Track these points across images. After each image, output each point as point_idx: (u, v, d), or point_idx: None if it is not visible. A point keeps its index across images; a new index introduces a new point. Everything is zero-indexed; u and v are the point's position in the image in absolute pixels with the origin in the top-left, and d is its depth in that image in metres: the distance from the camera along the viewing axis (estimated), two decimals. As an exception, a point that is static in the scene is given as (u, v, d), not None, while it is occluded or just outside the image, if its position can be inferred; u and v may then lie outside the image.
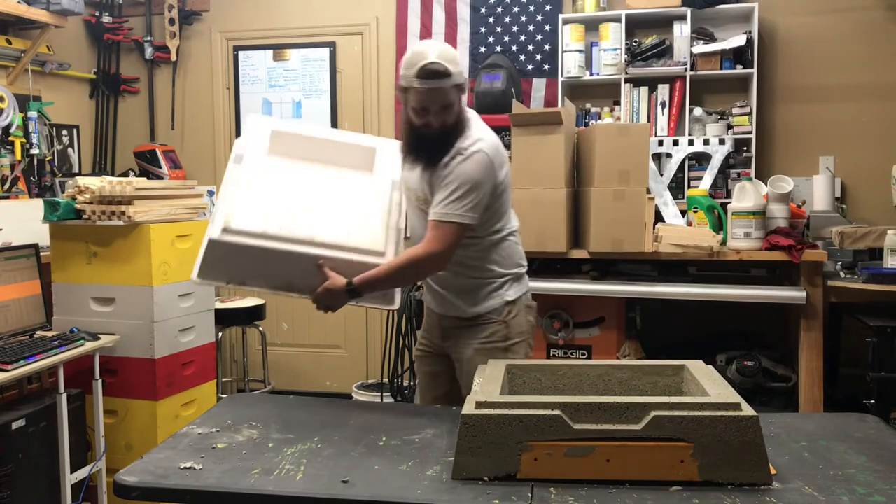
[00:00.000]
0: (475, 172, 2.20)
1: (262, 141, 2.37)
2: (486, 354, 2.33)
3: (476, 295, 2.38)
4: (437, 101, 2.17)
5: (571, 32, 4.24)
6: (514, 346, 2.40)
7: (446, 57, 2.16)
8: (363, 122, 4.81)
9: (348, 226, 2.28)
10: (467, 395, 2.36)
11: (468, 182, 2.19)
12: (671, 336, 3.88)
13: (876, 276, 3.25)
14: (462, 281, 2.37)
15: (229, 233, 2.14)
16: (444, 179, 2.21)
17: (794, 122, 4.21)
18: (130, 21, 5.03)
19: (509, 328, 2.39)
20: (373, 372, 4.81)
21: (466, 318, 2.39)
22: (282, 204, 2.25)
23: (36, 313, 3.25)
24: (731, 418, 1.55)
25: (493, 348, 2.37)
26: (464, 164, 2.20)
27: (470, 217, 2.21)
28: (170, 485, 1.62)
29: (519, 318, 2.41)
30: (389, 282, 2.28)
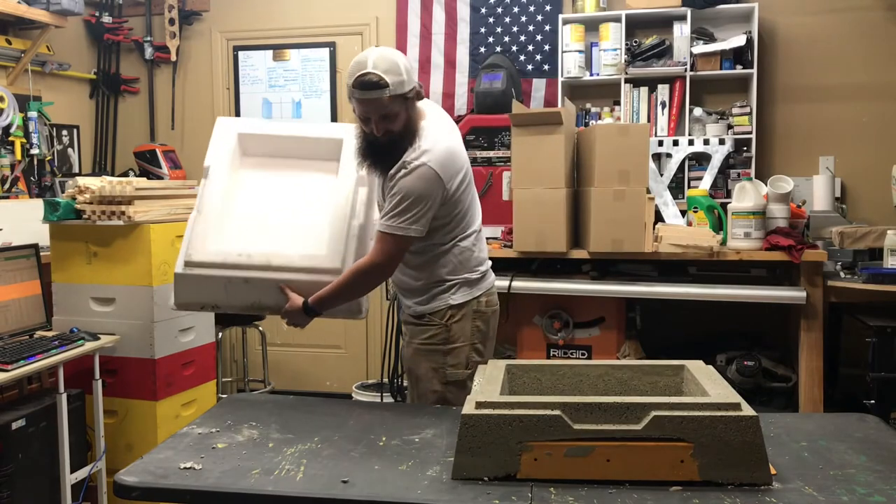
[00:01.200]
0: (417, 187, 2.22)
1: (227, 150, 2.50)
2: (425, 355, 2.40)
3: (421, 295, 2.42)
4: (375, 112, 2.18)
5: (571, 32, 4.24)
6: (455, 350, 2.41)
7: (384, 66, 2.16)
8: (363, 122, 4.80)
9: (306, 243, 2.37)
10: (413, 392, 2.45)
11: (410, 195, 2.22)
12: (671, 336, 3.88)
13: (876, 276, 3.25)
14: (410, 281, 2.43)
15: (191, 266, 2.32)
16: (390, 191, 2.26)
17: (794, 122, 4.21)
18: (130, 21, 5.03)
19: (450, 331, 2.40)
20: (373, 372, 4.81)
21: (413, 316, 2.45)
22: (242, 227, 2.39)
23: (36, 313, 3.25)
24: (731, 418, 1.55)
25: (432, 350, 2.41)
26: (406, 178, 2.22)
27: (414, 230, 2.24)
28: (170, 485, 1.62)
29: (463, 322, 2.41)
30: (342, 297, 2.33)
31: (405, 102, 2.21)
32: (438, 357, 2.40)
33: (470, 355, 2.42)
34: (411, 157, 2.23)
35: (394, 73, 2.16)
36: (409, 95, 2.21)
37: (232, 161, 2.50)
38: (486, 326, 2.47)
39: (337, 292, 2.30)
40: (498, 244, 3.65)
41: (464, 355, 2.41)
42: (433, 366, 2.41)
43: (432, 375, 2.42)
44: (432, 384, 2.42)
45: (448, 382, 2.41)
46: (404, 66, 2.21)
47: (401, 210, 2.22)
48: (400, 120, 2.22)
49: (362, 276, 2.29)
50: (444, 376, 2.41)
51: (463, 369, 2.41)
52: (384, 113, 2.18)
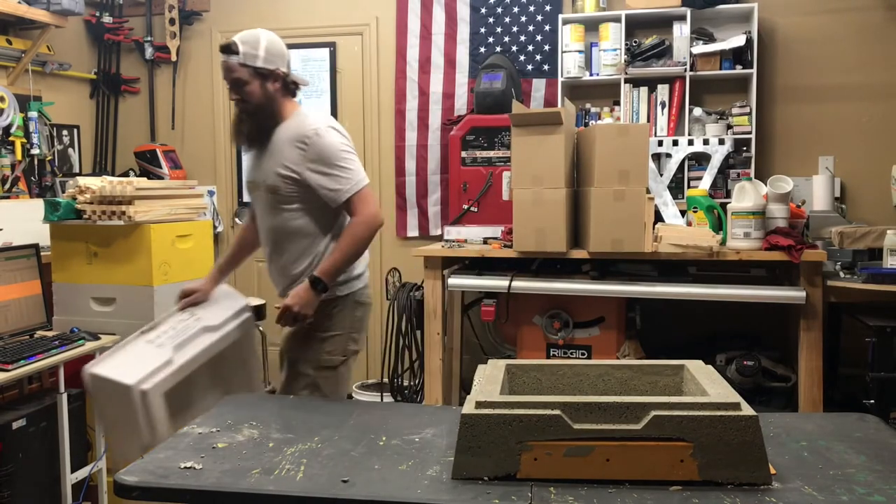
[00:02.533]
0: (336, 141, 2.41)
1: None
2: (303, 340, 2.50)
3: None
4: (226, 75, 2.41)
5: (571, 32, 4.24)
6: (333, 338, 2.52)
7: (244, 38, 2.41)
8: (363, 121, 4.81)
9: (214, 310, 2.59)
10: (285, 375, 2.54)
11: (338, 150, 2.39)
12: (671, 336, 3.88)
13: (875, 276, 3.25)
14: (296, 269, 2.49)
15: (147, 393, 2.27)
16: (319, 163, 2.38)
17: (793, 122, 4.21)
18: (131, 21, 5.03)
19: (331, 320, 2.50)
20: (373, 372, 4.82)
21: None
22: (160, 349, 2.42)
23: (36, 313, 3.25)
24: (731, 418, 1.55)
25: (311, 336, 2.50)
26: (323, 141, 2.39)
27: (365, 178, 2.44)
28: (170, 485, 1.62)
29: (344, 312, 2.52)
30: (347, 260, 2.43)
31: (257, 77, 2.41)
32: (316, 343, 2.51)
33: (346, 344, 2.54)
34: (309, 127, 2.40)
35: (250, 45, 2.40)
36: (262, 72, 2.41)
37: None
38: (363, 317, 2.60)
39: (342, 257, 2.41)
40: (498, 244, 3.65)
41: (341, 344, 2.53)
42: (309, 351, 2.51)
43: (306, 361, 2.52)
44: (305, 368, 2.51)
45: (321, 367, 2.51)
46: (266, 46, 2.43)
47: (345, 165, 2.40)
48: (253, 93, 2.41)
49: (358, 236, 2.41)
50: (318, 362, 2.51)
51: (338, 356, 2.52)
52: (233, 77, 2.40)
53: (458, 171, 4.08)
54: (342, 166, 2.40)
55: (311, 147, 2.38)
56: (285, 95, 2.50)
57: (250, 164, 2.58)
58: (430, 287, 3.68)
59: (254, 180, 2.54)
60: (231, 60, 2.40)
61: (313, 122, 2.44)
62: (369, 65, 4.77)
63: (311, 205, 2.45)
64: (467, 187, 4.05)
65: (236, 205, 5.02)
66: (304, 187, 2.41)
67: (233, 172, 5.01)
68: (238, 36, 2.42)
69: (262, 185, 2.48)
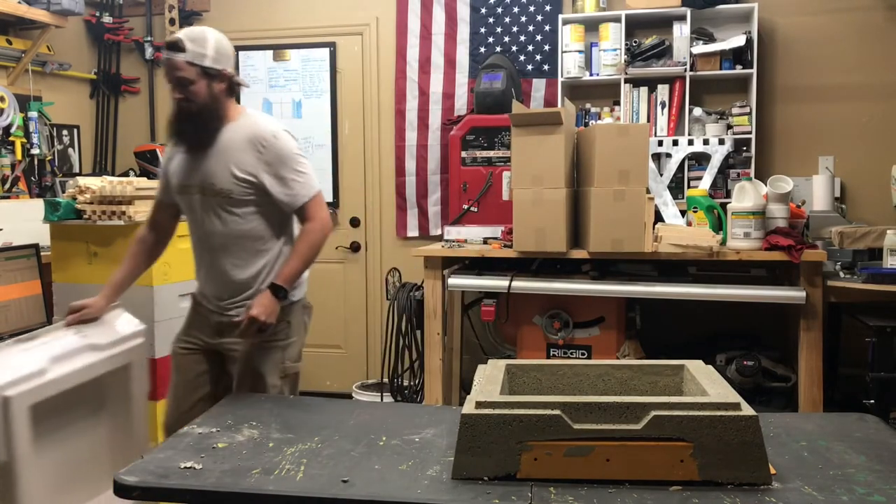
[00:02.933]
0: (293, 145, 2.40)
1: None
2: (268, 352, 2.45)
3: None
4: (171, 73, 2.31)
5: (571, 32, 4.24)
6: (292, 344, 2.50)
7: (190, 35, 2.32)
8: (363, 121, 4.81)
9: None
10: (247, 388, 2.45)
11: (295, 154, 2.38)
12: (671, 336, 3.89)
13: (875, 276, 3.25)
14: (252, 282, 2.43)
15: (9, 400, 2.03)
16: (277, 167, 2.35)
17: (793, 122, 4.21)
18: (131, 21, 5.03)
19: (290, 328, 2.49)
20: (373, 372, 4.82)
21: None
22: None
23: (36, 313, 3.25)
24: (731, 418, 1.55)
25: (274, 346, 2.47)
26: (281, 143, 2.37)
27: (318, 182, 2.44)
28: (170, 485, 1.62)
29: (297, 317, 2.53)
30: (305, 265, 2.42)
31: (205, 77, 2.33)
32: (279, 353, 2.48)
33: (300, 349, 2.55)
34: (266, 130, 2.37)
35: (197, 43, 2.31)
36: (210, 72, 2.33)
37: None
38: (309, 321, 2.62)
39: (299, 264, 2.40)
40: (498, 244, 3.65)
41: (297, 349, 2.54)
42: (275, 361, 2.48)
43: (271, 372, 2.48)
44: (273, 379, 2.48)
45: (286, 375, 2.50)
46: (214, 46, 2.35)
47: (302, 170, 2.38)
48: (199, 93, 2.32)
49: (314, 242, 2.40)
50: (284, 371, 2.49)
51: (297, 362, 2.53)
52: (178, 76, 2.30)
53: (458, 171, 4.08)
54: (299, 171, 2.38)
55: (270, 150, 2.34)
56: (229, 97, 2.44)
57: (181, 167, 2.44)
58: (430, 287, 3.68)
59: (188, 183, 2.42)
60: (177, 58, 2.30)
61: (270, 125, 2.41)
62: (369, 65, 4.77)
63: (261, 208, 2.40)
64: (467, 187, 4.05)
65: (236, 205, 5.02)
66: (258, 190, 2.36)
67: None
68: (184, 33, 2.34)
69: (202, 188, 2.39)
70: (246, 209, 2.38)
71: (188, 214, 2.50)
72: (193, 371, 2.52)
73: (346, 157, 4.85)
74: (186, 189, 2.44)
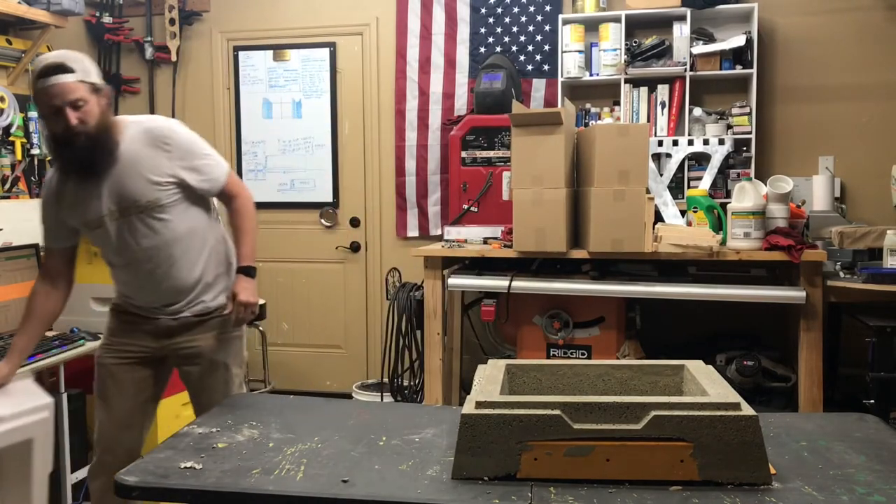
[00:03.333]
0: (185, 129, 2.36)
1: None
2: (228, 343, 2.48)
3: (220, 285, 2.48)
4: (63, 97, 2.12)
5: (571, 32, 4.24)
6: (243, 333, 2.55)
7: (69, 57, 2.18)
8: (363, 121, 4.81)
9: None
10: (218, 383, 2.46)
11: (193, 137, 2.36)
12: (671, 336, 3.89)
13: (875, 276, 3.25)
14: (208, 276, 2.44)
15: None
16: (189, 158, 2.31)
17: (793, 122, 4.21)
18: (131, 21, 5.03)
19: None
20: (373, 372, 4.82)
21: (216, 309, 2.47)
22: None
23: (36, 313, 3.24)
24: (731, 418, 1.55)
25: (235, 337, 2.50)
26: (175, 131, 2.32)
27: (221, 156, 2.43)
28: (170, 485, 1.62)
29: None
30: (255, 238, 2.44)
31: (96, 95, 2.20)
32: (238, 342, 2.52)
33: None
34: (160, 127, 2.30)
35: (78, 61, 2.18)
36: (98, 87, 2.21)
37: None
38: None
39: (249, 239, 2.42)
40: (498, 244, 3.65)
41: (245, 335, 2.57)
42: (237, 351, 2.52)
43: (236, 360, 2.52)
44: (236, 369, 2.52)
45: (243, 364, 2.56)
46: (88, 62, 2.23)
47: (208, 152, 2.37)
48: (92, 112, 2.18)
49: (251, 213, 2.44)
50: (242, 359, 2.55)
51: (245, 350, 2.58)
52: (73, 98, 2.13)
53: (458, 171, 4.08)
54: (207, 153, 2.37)
55: (175, 145, 2.30)
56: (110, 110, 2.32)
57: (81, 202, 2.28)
58: (430, 287, 3.68)
59: (99, 215, 2.28)
60: (67, 80, 2.12)
61: (160, 122, 2.34)
62: (369, 65, 4.77)
63: (188, 203, 2.36)
64: (467, 187, 4.05)
65: (236, 205, 5.02)
66: (181, 188, 2.32)
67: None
68: (57, 55, 2.17)
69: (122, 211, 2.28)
70: (176, 210, 2.33)
71: (104, 246, 2.38)
72: (132, 378, 2.47)
73: (346, 157, 4.85)
74: (98, 221, 2.30)
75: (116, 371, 2.46)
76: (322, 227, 4.90)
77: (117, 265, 2.42)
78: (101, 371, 2.48)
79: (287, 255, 4.96)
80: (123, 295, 2.49)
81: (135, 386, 2.48)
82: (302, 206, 4.92)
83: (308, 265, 4.94)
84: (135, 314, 2.46)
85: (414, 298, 3.90)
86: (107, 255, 2.43)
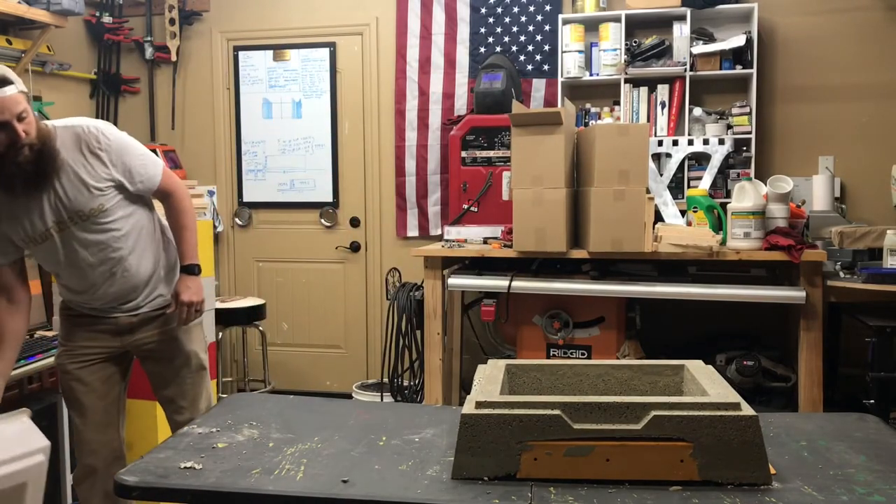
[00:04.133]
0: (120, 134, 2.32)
1: None
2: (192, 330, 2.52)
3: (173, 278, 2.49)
4: (10, 110, 2.04)
5: (571, 32, 4.24)
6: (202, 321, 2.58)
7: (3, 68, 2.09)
8: (363, 122, 4.81)
9: None
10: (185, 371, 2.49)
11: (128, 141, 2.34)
12: (671, 336, 3.89)
13: (875, 276, 3.25)
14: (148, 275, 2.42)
15: None
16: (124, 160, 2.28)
17: (793, 122, 4.21)
18: (131, 21, 5.03)
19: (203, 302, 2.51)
20: (373, 372, 4.82)
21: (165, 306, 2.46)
22: None
23: (36, 313, 3.24)
24: (731, 418, 1.55)
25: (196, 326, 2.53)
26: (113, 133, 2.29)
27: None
28: (170, 485, 1.62)
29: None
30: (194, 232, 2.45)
31: (29, 104, 2.13)
32: (200, 328, 2.56)
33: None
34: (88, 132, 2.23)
35: (10, 72, 2.10)
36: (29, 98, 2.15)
37: None
38: None
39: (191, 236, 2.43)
40: (498, 244, 3.65)
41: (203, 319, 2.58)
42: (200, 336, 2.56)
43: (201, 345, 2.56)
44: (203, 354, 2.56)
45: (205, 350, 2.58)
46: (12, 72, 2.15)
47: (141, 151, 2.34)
48: (33, 124, 2.11)
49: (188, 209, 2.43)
50: (205, 345, 2.59)
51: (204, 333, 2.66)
52: (20, 111, 2.06)
53: (458, 171, 4.08)
54: (141, 153, 2.34)
55: (110, 148, 2.25)
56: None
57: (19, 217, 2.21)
58: (430, 287, 3.68)
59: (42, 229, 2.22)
60: (11, 92, 2.04)
61: (87, 124, 2.25)
62: (369, 65, 4.77)
63: (129, 202, 2.33)
64: (467, 187, 4.05)
65: (236, 205, 5.02)
66: (121, 189, 2.29)
67: (233, 172, 5.02)
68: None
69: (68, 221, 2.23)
70: (119, 211, 2.29)
71: (49, 257, 2.31)
72: (100, 378, 2.45)
73: (346, 157, 4.85)
74: (44, 235, 2.24)
75: (82, 374, 2.42)
76: (322, 227, 4.90)
77: (65, 273, 2.35)
78: (66, 377, 2.44)
79: (287, 255, 4.96)
80: (76, 300, 2.42)
81: (104, 385, 2.46)
82: (302, 206, 4.92)
83: (308, 265, 4.94)
84: (90, 315, 2.41)
85: (414, 298, 3.90)
86: (51, 265, 2.36)
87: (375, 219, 4.82)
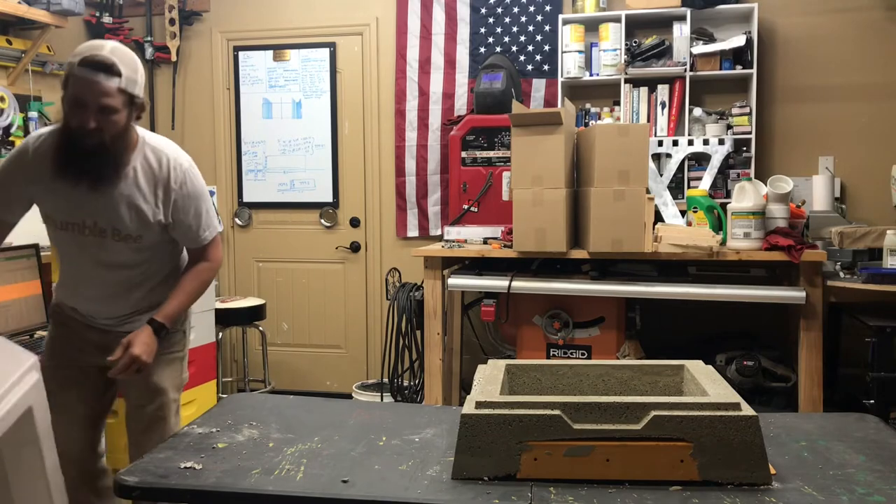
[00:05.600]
0: (201, 183, 2.26)
1: None
2: (169, 364, 2.36)
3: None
4: (96, 98, 1.98)
5: (571, 33, 4.24)
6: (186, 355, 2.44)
7: (122, 57, 2.02)
8: (363, 121, 4.81)
9: None
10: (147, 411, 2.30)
11: (203, 193, 2.25)
12: (671, 336, 3.89)
13: (875, 277, 3.25)
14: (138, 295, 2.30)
15: None
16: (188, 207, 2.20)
17: (793, 122, 4.21)
18: (131, 21, 5.03)
19: (186, 336, 2.45)
20: (373, 372, 4.82)
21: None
22: None
23: (36, 313, 3.25)
24: (731, 418, 1.55)
25: (173, 358, 2.39)
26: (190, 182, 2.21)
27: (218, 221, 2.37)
28: (170, 485, 1.62)
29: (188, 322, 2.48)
30: (191, 304, 2.34)
31: (129, 107, 2.06)
32: (178, 364, 2.40)
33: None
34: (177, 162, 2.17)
35: (130, 68, 2.04)
36: (136, 101, 2.08)
37: None
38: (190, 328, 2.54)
39: (184, 302, 2.29)
40: (498, 244, 3.65)
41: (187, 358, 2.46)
42: (175, 374, 2.39)
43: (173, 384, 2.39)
44: (174, 393, 2.38)
45: (180, 387, 2.42)
46: (140, 72, 2.09)
47: (207, 210, 2.26)
48: (117, 124, 2.03)
49: (205, 281, 2.33)
50: (182, 382, 2.42)
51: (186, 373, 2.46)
52: (105, 104, 1.99)
53: (458, 171, 4.08)
54: (208, 209, 2.26)
55: (185, 186, 2.19)
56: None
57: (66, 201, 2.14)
58: (430, 287, 3.68)
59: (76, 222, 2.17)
60: (109, 83, 1.98)
61: (179, 156, 2.20)
62: (369, 65, 4.77)
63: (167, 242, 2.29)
64: (467, 187, 4.05)
65: (236, 205, 5.02)
66: (167, 231, 2.23)
67: (233, 173, 5.02)
68: (111, 51, 2.02)
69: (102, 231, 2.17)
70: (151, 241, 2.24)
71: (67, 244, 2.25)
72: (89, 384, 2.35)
73: (346, 157, 4.85)
74: (72, 227, 2.19)
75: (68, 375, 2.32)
76: (322, 227, 4.90)
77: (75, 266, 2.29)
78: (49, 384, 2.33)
79: (287, 255, 4.97)
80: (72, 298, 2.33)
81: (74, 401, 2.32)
82: (302, 206, 4.92)
83: (308, 265, 4.95)
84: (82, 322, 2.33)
85: (414, 298, 3.90)
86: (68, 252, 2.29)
87: (375, 219, 4.82)
